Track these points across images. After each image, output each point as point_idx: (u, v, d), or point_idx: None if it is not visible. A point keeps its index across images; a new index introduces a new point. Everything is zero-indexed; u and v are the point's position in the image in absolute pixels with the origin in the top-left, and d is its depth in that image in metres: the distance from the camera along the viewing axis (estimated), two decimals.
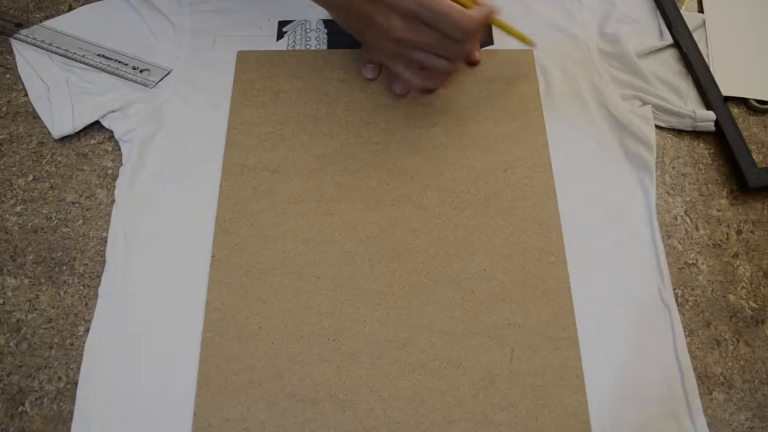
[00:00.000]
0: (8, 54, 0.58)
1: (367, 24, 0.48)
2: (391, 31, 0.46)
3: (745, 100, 0.57)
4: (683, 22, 0.60)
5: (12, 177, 0.52)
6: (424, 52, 0.48)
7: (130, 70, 0.56)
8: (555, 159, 0.53)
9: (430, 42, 0.47)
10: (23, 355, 0.45)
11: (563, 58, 0.58)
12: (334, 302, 0.46)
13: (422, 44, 0.47)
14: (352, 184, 0.51)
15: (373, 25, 0.47)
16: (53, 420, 0.43)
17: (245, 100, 0.55)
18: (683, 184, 0.53)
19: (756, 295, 0.49)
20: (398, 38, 0.47)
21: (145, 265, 0.47)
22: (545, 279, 0.47)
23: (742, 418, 0.44)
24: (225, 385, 0.43)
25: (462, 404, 0.43)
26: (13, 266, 0.48)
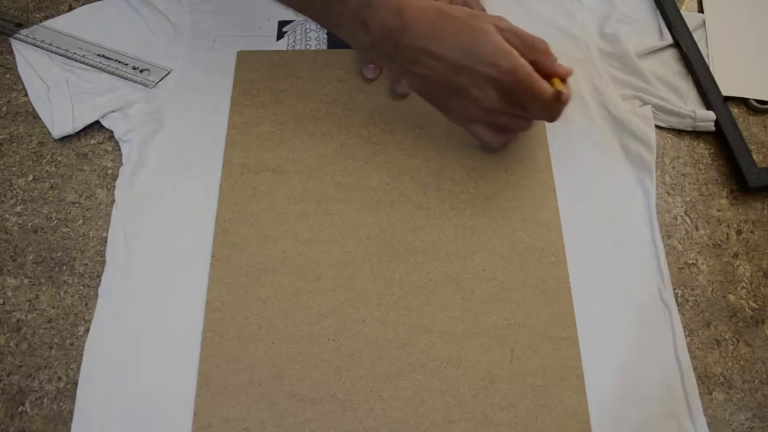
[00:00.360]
0: (8, 54, 0.58)
1: (457, 94, 0.47)
2: (485, 102, 0.46)
3: (745, 100, 0.57)
4: (683, 22, 0.60)
5: (12, 177, 0.52)
6: (508, 116, 0.48)
7: (130, 70, 0.56)
8: (555, 159, 0.53)
9: (518, 109, 0.47)
10: (23, 355, 0.45)
11: (563, 58, 0.57)
12: (334, 302, 0.46)
13: (510, 111, 0.47)
14: (352, 184, 0.51)
15: (464, 96, 0.46)
16: (53, 420, 0.43)
17: (245, 100, 0.55)
18: (683, 184, 0.53)
19: (756, 295, 0.49)
20: (489, 108, 0.47)
21: (145, 265, 0.47)
22: (545, 279, 0.47)
23: (742, 418, 0.44)
24: (225, 385, 0.43)
25: (462, 404, 0.43)
26: (13, 266, 0.48)
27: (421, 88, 0.49)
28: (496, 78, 0.44)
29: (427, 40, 0.44)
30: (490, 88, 0.45)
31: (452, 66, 0.45)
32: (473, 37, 0.44)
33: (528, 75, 0.44)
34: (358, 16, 0.45)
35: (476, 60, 0.44)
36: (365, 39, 0.46)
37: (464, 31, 0.44)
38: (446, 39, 0.44)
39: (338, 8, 0.45)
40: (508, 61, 0.44)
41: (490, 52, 0.44)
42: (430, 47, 0.45)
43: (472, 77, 0.45)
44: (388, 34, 0.45)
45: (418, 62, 0.46)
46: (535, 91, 0.44)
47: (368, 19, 0.45)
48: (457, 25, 0.45)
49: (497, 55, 0.44)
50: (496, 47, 0.44)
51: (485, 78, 0.45)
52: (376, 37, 0.46)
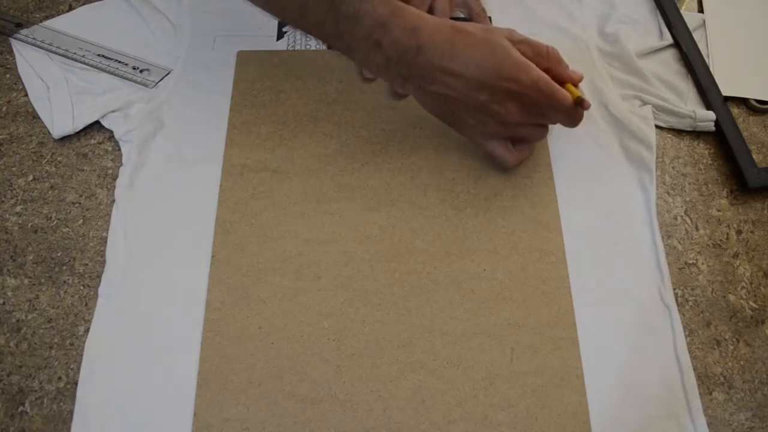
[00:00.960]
0: (8, 54, 0.58)
1: (477, 110, 0.46)
2: (505, 116, 0.46)
3: (745, 100, 0.57)
4: (683, 22, 0.60)
5: (12, 177, 0.52)
6: (527, 127, 0.48)
7: (130, 70, 0.56)
8: (555, 159, 0.53)
9: (538, 119, 0.47)
10: (23, 355, 0.45)
11: (563, 58, 0.58)
12: (334, 302, 0.46)
13: (529, 122, 0.47)
14: (352, 184, 0.51)
15: (484, 111, 0.46)
16: (53, 420, 0.43)
17: (245, 100, 0.55)
18: (683, 184, 0.53)
19: (756, 295, 0.49)
20: (510, 122, 0.47)
21: (145, 265, 0.47)
22: (545, 279, 0.47)
23: (742, 418, 0.44)
24: (225, 385, 0.43)
25: (462, 404, 0.43)
26: (13, 266, 0.48)
27: (438, 107, 0.48)
28: (517, 92, 0.44)
29: (444, 58, 0.44)
30: (511, 102, 0.45)
31: (472, 83, 0.44)
32: (491, 53, 0.44)
33: (549, 86, 0.44)
34: (372, 37, 0.44)
35: (496, 75, 0.44)
36: (379, 60, 0.45)
37: (481, 46, 0.44)
38: (464, 56, 0.43)
39: (351, 29, 0.44)
40: (529, 74, 0.44)
41: (510, 66, 0.44)
42: (447, 65, 0.44)
43: (492, 93, 0.44)
44: (403, 53, 0.44)
45: (435, 81, 0.45)
46: (557, 100, 0.45)
47: (382, 39, 0.44)
48: (474, 41, 0.44)
49: (517, 69, 0.44)
50: (514, 61, 0.44)
51: (506, 92, 0.44)
52: (390, 58, 0.44)
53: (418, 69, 0.44)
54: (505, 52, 0.44)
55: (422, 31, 0.43)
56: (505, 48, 0.44)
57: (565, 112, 0.46)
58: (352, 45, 0.45)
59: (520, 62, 0.44)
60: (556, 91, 0.45)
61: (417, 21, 0.44)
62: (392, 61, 0.44)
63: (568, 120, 0.47)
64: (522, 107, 0.45)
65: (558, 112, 0.46)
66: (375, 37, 0.43)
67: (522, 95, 0.45)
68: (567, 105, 0.46)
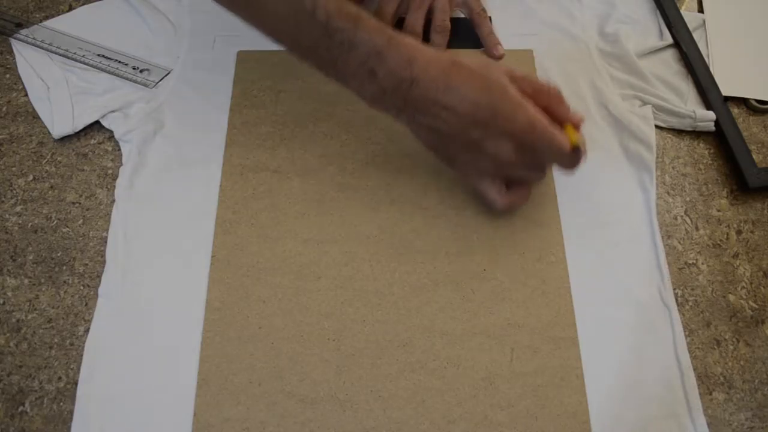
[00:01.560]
0: (8, 54, 0.58)
1: (470, 147, 0.45)
2: (499, 155, 0.44)
3: (745, 100, 0.57)
4: (683, 22, 0.60)
5: (12, 177, 0.52)
6: (522, 168, 0.46)
7: (130, 70, 0.56)
8: None
9: (531, 162, 0.45)
10: (23, 355, 0.45)
11: (563, 58, 0.58)
12: (334, 302, 0.46)
13: (522, 164, 0.45)
14: (352, 184, 0.51)
15: (477, 149, 0.44)
16: (53, 420, 0.43)
17: (245, 100, 0.55)
18: (683, 184, 0.53)
19: (756, 295, 0.49)
20: (503, 161, 0.45)
21: (145, 265, 0.47)
22: (545, 279, 0.47)
23: (742, 418, 0.44)
24: (225, 385, 0.43)
25: (462, 404, 0.43)
26: (13, 266, 0.48)
27: (431, 140, 0.47)
28: (512, 131, 0.43)
29: (438, 92, 0.42)
30: (505, 142, 0.43)
31: (466, 119, 0.43)
32: (488, 89, 0.42)
33: (545, 129, 0.42)
34: (366, 66, 0.42)
35: (491, 113, 0.42)
36: (374, 90, 0.44)
37: (478, 82, 0.42)
38: (458, 90, 0.42)
39: (345, 57, 0.42)
40: (525, 114, 0.42)
41: (505, 104, 0.42)
42: (442, 99, 0.42)
43: (486, 130, 0.43)
44: (398, 84, 0.43)
45: (429, 114, 0.43)
46: (553, 144, 0.43)
47: (377, 68, 0.42)
48: (471, 76, 0.42)
49: (513, 108, 0.42)
50: (511, 99, 0.42)
51: (501, 131, 0.43)
52: (385, 88, 0.43)
53: (412, 101, 0.43)
54: (502, 89, 0.42)
55: (418, 62, 0.42)
56: (502, 85, 0.43)
57: (561, 156, 0.44)
58: (347, 73, 0.44)
59: (517, 101, 0.42)
60: (553, 134, 0.43)
61: (413, 52, 0.42)
62: (387, 91, 0.43)
63: (564, 164, 0.45)
64: (516, 147, 0.44)
65: (553, 156, 0.44)
66: (370, 66, 0.42)
67: (517, 135, 0.43)
68: (563, 150, 0.43)
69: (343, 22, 0.41)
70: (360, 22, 0.42)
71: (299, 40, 0.44)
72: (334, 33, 0.42)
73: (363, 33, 0.42)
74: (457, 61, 0.43)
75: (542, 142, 0.43)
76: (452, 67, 0.43)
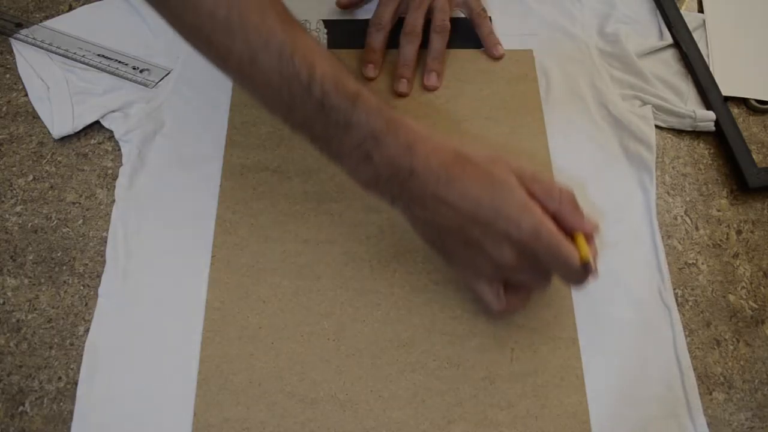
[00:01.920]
0: (8, 54, 0.58)
1: (468, 246, 0.41)
2: (499, 259, 0.40)
3: (745, 100, 0.57)
4: (683, 22, 0.60)
5: (12, 177, 0.52)
6: (524, 274, 0.41)
7: (130, 70, 0.56)
8: (555, 159, 0.53)
9: (534, 269, 0.41)
10: (23, 355, 0.45)
11: (563, 58, 0.58)
12: (334, 302, 0.46)
13: (524, 270, 0.41)
14: (352, 184, 0.51)
15: (476, 249, 0.41)
16: (53, 420, 0.43)
17: (245, 99, 0.55)
18: (683, 184, 0.53)
19: (756, 295, 0.49)
20: (503, 265, 0.40)
21: (145, 265, 0.47)
22: None
23: (742, 418, 0.44)
24: (225, 385, 0.43)
25: (462, 404, 0.43)
26: (13, 266, 0.48)
27: (427, 234, 0.43)
28: (516, 237, 0.39)
29: (439, 185, 0.39)
30: (507, 246, 0.39)
31: (466, 217, 0.39)
32: (492, 188, 0.39)
33: (552, 237, 0.38)
34: (362, 149, 0.39)
35: (495, 214, 0.38)
36: (369, 174, 0.41)
37: (483, 179, 0.39)
38: (461, 186, 0.39)
39: (340, 137, 0.39)
40: (531, 219, 0.38)
41: (511, 206, 0.38)
42: (442, 193, 0.39)
43: (487, 231, 0.39)
44: (396, 172, 0.39)
45: (426, 207, 0.40)
46: (558, 256, 0.38)
47: (373, 153, 0.39)
48: (475, 171, 0.39)
49: (518, 212, 0.38)
50: (517, 202, 0.39)
51: (503, 234, 0.39)
52: (380, 174, 0.40)
53: (409, 191, 0.40)
54: (509, 189, 0.39)
55: (418, 150, 0.39)
56: (509, 185, 0.39)
57: (567, 270, 0.39)
58: (341, 153, 0.41)
59: (523, 204, 0.39)
60: (561, 245, 0.38)
61: (413, 138, 0.39)
62: (382, 178, 0.40)
63: (569, 279, 0.40)
64: (519, 253, 0.39)
65: (559, 269, 0.40)
66: (366, 149, 0.39)
67: (520, 241, 0.39)
68: (570, 264, 0.38)
69: (341, 100, 0.38)
70: (358, 100, 0.39)
71: (292, 114, 0.41)
72: (330, 111, 0.39)
73: (361, 114, 0.39)
74: (462, 153, 0.40)
75: (547, 253, 0.39)
76: (455, 159, 0.40)
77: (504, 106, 0.55)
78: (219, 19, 0.38)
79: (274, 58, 0.38)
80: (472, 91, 0.56)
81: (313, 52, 0.39)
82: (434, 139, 0.40)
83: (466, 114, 0.55)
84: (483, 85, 0.56)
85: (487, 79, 0.57)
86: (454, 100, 0.55)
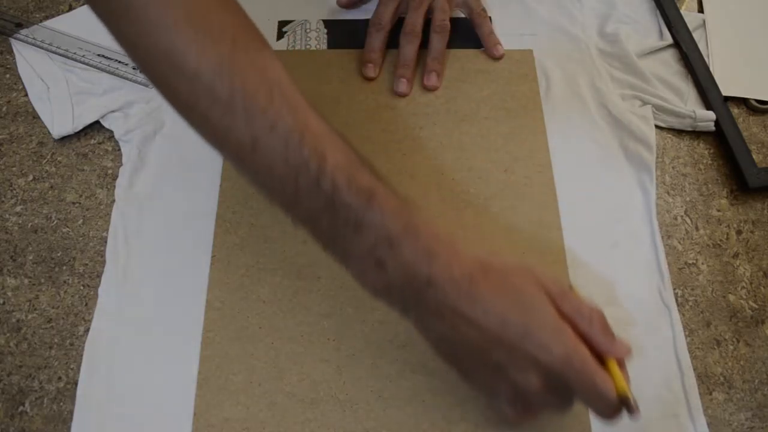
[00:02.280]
0: (8, 54, 0.58)
1: (489, 368, 0.36)
2: (523, 384, 0.35)
3: (745, 100, 0.57)
4: (683, 22, 0.60)
5: (12, 177, 0.52)
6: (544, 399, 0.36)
7: (130, 70, 0.56)
8: (555, 159, 0.53)
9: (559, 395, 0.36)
10: (23, 355, 0.45)
11: (563, 58, 0.58)
12: (334, 302, 0.46)
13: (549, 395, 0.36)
14: None
15: (497, 372, 0.36)
16: (53, 420, 0.43)
17: None
18: (683, 184, 0.53)
19: (756, 295, 0.49)
20: (526, 391, 0.36)
21: (145, 265, 0.47)
22: None
23: (742, 418, 0.44)
24: (225, 385, 0.43)
25: (462, 404, 0.43)
26: (13, 266, 0.48)
27: (442, 348, 0.38)
28: (544, 362, 0.34)
29: (459, 299, 0.35)
30: (533, 373, 0.35)
31: (489, 336, 0.35)
32: (521, 305, 0.35)
33: (585, 365, 0.34)
34: (374, 253, 0.35)
35: (521, 336, 0.34)
36: (379, 281, 0.36)
37: (510, 294, 0.35)
38: (486, 301, 0.35)
39: (349, 237, 0.35)
40: (564, 344, 0.34)
41: (541, 328, 0.34)
42: (463, 307, 0.35)
43: (511, 355, 0.35)
44: (411, 280, 0.35)
45: (444, 322, 0.36)
46: (592, 387, 0.34)
47: (386, 259, 0.35)
48: (502, 285, 0.35)
49: (550, 335, 0.34)
50: (549, 323, 0.35)
51: (530, 359, 0.34)
52: (393, 282, 0.35)
53: (425, 303, 0.35)
54: (539, 307, 0.35)
55: (439, 257, 0.35)
56: (539, 303, 0.35)
57: (601, 403, 0.35)
58: (349, 255, 0.36)
59: (555, 325, 0.35)
60: (595, 375, 0.34)
61: (434, 244, 0.35)
62: (395, 286, 0.35)
63: (602, 412, 0.35)
64: (546, 381, 0.35)
65: (591, 401, 0.35)
66: (378, 254, 0.35)
67: (550, 367, 0.34)
68: (606, 397, 0.34)
69: (353, 198, 0.34)
70: (374, 199, 0.34)
71: (296, 206, 0.36)
72: (341, 208, 0.34)
73: (375, 214, 0.34)
74: (487, 263, 0.36)
75: (580, 383, 0.34)
76: (480, 269, 0.35)
77: (504, 106, 0.55)
78: (219, 95, 0.34)
79: (279, 145, 0.34)
80: (472, 91, 0.56)
81: (325, 140, 0.35)
82: (456, 246, 0.36)
83: (466, 114, 0.55)
84: (483, 85, 0.56)
85: (487, 79, 0.57)
86: (454, 100, 0.55)
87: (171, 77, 0.35)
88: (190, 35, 0.34)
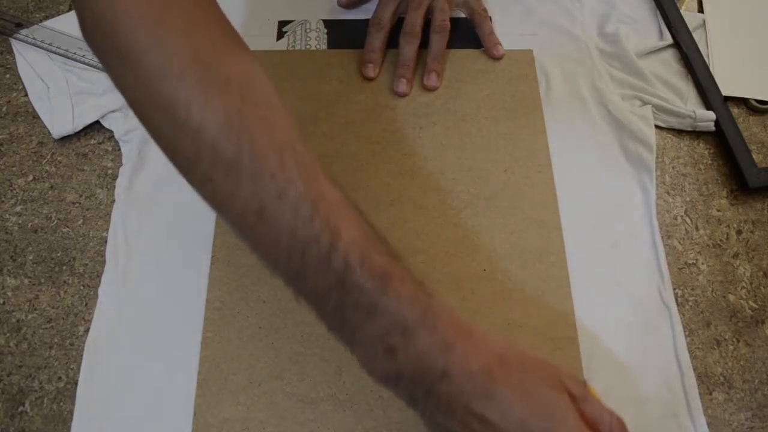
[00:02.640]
0: (8, 54, 0.58)
1: None
2: None
3: (745, 100, 0.57)
4: (683, 22, 0.59)
5: (12, 177, 0.52)
6: None
7: None
8: (555, 159, 0.53)
9: None
10: (23, 355, 0.45)
11: (563, 58, 0.58)
12: None
13: None
14: (352, 184, 0.51)
15: None
16: (53, 420, 0.43)
17: None
18: (683, 184, 0.53)
19: (756, 295, 0.49)
20: None
21: (145, 265, 0.47)
22: (545, 279, 0.47)
23: (742, 418, 0.44)
24: (225, 385, 0.43)
25: None
26: (13, 266, 0.48)
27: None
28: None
29: (473, 395, 0.32)
30: None
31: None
32: (542, 408, 0.32)
33: None
34: (386, 340, 0.32)
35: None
36: (387, 370, 0.33)
37: (531, 396, 0.32)
38: (504, 402, 0.32)
39: (359, 320, 0.32)
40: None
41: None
42: (477, 406, 0.32)
43: None
44: (424, 373, 0.32)
45: (455, 419, 0.32)
46: None
47: (399, 347, 0.32)
48: (522, 384, 0.32)
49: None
50: (571, 429, 0.32)
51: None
52: (402, 372, 0.32)
53: (436, 397, 0.32)
54: (561, 412, 0.32)
55: (455, 350, 0.32)
56: (562, 407, 0.32)
57: None
58: (357, 339, 0.33)
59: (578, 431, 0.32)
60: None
61: (453, 334, 0.32)
62: (404, 377, 0.32)
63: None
64: None
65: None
66: (389, 341, 0.32)
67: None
68: None
69: (367, 279, 0.31)
70: (390, 283, 0.32)
71: (301, 282, 0.33)
72: (352, 289, 0.31)
73: (391, 299, 0.31)
74: (507, 358, 0.33)
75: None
76: (500, 364, 0.33)
77: (504, 106, 0.55)
78: (223, 153, 0.31)
79: (288, 215, 0.31)
80: (472, 91, 0.56)
81: (339, 213, 0.32)
82: (475, 336, 0.33)
83: (466, 114, 0.55)
84: (483, 85, 0.56)
85: (487, 79, 0.57)
86: (454, 100, 0.55)
87: (171, 130, 0.32)
88: (194, 85, 0.31)
